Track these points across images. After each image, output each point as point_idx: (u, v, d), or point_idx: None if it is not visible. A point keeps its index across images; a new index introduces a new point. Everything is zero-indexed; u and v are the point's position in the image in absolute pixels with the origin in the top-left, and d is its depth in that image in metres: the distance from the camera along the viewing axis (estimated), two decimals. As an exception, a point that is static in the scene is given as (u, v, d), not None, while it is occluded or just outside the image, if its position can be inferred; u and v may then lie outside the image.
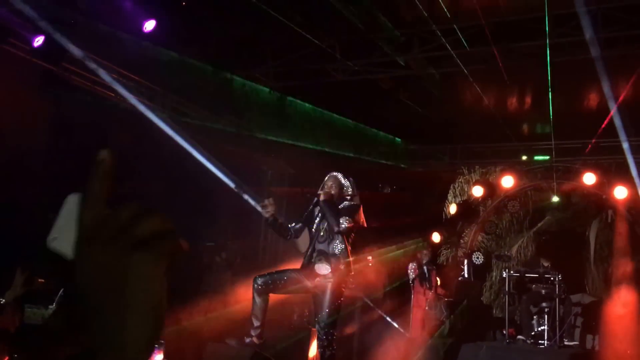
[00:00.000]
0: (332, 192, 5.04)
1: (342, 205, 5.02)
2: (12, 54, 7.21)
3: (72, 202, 0.76)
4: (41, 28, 6.99)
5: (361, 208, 5.07)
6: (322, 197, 5.02)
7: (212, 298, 8.13)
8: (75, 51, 7.38)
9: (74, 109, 7.72)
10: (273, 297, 5.37)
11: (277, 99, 9.21)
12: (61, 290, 7.00)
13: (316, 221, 5.15)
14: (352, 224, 4.90)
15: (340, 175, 5.18)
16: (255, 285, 5.09)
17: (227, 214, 9.39)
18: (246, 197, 5.33)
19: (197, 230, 9.08)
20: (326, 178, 5.18)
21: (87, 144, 7.82)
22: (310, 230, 5.23)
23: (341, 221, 4.87)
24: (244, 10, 7.13)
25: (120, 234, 0.70)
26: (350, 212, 4.96)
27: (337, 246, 4.94)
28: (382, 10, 7.20)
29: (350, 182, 5.15)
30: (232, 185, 5.25)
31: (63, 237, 0.75)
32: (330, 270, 4.91)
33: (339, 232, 4.90)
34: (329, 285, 4.90)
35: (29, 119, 7.29)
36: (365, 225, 5.11)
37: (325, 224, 5.05)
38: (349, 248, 5.00)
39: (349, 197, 5.09)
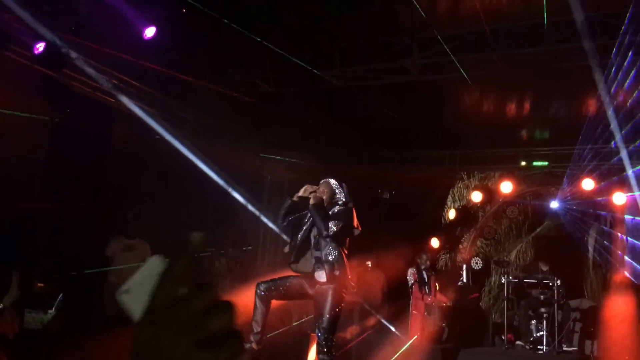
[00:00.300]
0: (323, 197, 5.06)
1: (332, 211, 5.04)
2: (14, 60, 7.24)
3: (155, 265, 0.74)
4: (42, 35, 7.02)
5: (353, 212, 5.06)
6: (311, 201, 5.03)
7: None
8: (76, 57, 7.43)
9: (74, 115, 7.75)
10: (273, 302, 5.40)
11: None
12: (60, 295, 7.03)
13: (309, 227, 5.15)
14: (341, 229, 4.89)
15: (332, 181, 5.21)
16: (258, 291, 5.14)
17: (227, 220, 9.42)
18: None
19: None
20: (319, 183, 5.20)
21: (87, 150, 7.88)
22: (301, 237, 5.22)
23: (330, 225, 4.87)
24: (243, 16, 7.17)
25: (190, 325, 0.67)
26: (340, 216, 4.96)
27: (331, 252, 4.94)
28: (382, 17, 7.24)
29: (343, 188, 5.18)
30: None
31: (135, 296, 0.74)
32: (326, 278, 4.92)
33: (327, 237, 4.90)
34: (330, 292, 4.92)
35: (30, 125, 7.33)
36: (360, 228, 5.11)
37: (316, 229, 5.06)
38: (345, 253, 5.01)
39: (341, 203, 5.11)
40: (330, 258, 4.93)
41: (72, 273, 7.31)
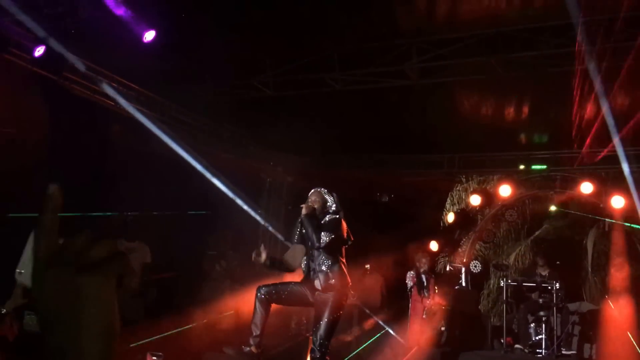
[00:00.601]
0: (315, 206, 5.08)
1: (324, 220, 5.05)
2: (13, 64, 7.25)
3: (30, 240, 0.85)
4: (42, 38, 7.04)
5: (343, 222, 5.07)
6: (303, 212, 5.05)
7: (211, 306, 8.15)
8: (76, 61, 7.45)
9: (75, 118, 7.76)
10: (273, 306, 5.41)
11: None
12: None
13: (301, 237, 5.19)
14: (333, 240, 4.89)
15: (323, 191, 5.22)
16: (259, 294, 5.15)
17: (226, 223, 9.42)
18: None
19: (199, 238, 9.11)
20: (310, 193, 5.22)
21: (87, 154, 7.89)
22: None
23: (321, 236, 4.89)
24: (243, 20, 7.19)
25: (74, 258, 0.77)
26: (331, 226, 4.97)
27: (325, 262, 4.96)
28: (381, 20, 7.25)
29: (333, 197, 5.19)
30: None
31: (27, 270, 0.83)
32: (321, 287, 4.94)
33: (319, 248, 4.92)
34: (330, 300, 4.94)
35: (29, 128, 7.33)
36: (352, 238, 5.13)
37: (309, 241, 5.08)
38: (343, 261, 5.02)
39: (332, 211, 5.12)
40: (323, 268, 4.95)
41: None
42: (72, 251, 0.78)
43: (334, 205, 5.17)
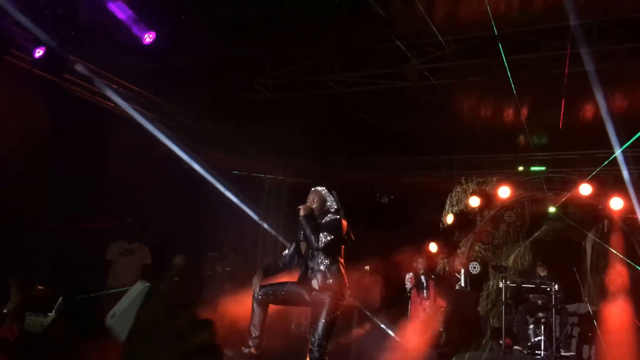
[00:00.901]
0: (313, 206, 5.07)
1: (324, 220, 5.05)
2: (14, 65, 7.27)
3: (139, 290, 0.81)
4: (42, 40, 7.06)
5: (343, 222, 5.06)
6: (301, 213, 5.05)
7: (212, 308, 8.16)
8: (76, 62, 7.47)
9: (75, 120, 7.78)
10: (271, 306, 5.42)
11: None
12: (60, 298, 7.05)
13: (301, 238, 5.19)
14: (332, 240, 4.88)
15: (322, 189, 5.20)
16: (256, 295, 5.17)
17: (227, 224, 9.43)
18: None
19: (200, 239, 9.12)
20: (310, 192, 5.20)
21: (86, 155, 7.91)
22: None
23: (320, 237, 4.88)
24: (243, 22, 7.20)
25: (175, 340, 0.74)
26: (331, 227, 4.96)
27: (323, 262, 4.96)
28: (381, 23, 7.27)
29: (333, 196, 5.16)
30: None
31: (122, 320, 0.80)
32: (319, 286, 4.96)
33: (318, 249, 4.92)
34: (326, 300, 4.95)
35: (29, 130, 7.36)
36: (353, 238, 5.13)
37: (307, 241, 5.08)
38: (341, 261, 5.03)
39: (333, 211, 5.10)
40: (322, 267, 4.96)
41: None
42: (173, 330, 0.74)
43: (334, 204, 5.15)
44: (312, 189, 5.23)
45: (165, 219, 8.22)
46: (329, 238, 4.88)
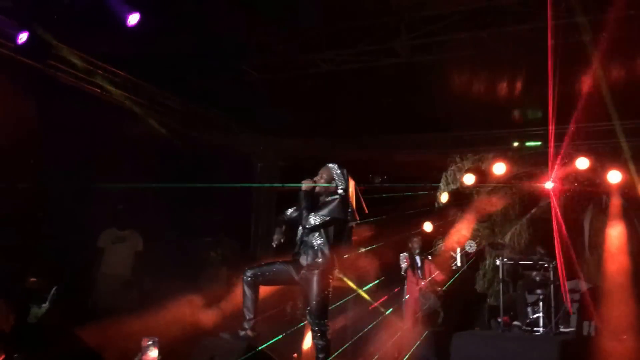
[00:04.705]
0: (321, 181, 5.05)
1: (322, 200, 5.04)
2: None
3: None
4: (25, 24, 6.90)
5: (346, 202, 5.02)
6: (302, 188, 5.04)
7: (207, 292, 8.09)
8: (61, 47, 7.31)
9: (60, 107, 7.64)
10: (266, 289, 5.42)
11: None
12: (54, 289, 6.97)
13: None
14: (325, 222, 4.90)
15: (334, 167, 5.14)
16: (245, 277, 5.16)
17: (221, 208, 9.35)
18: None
19: (194, 224, 9.05)
20: (321, 168, 5.16)
21: (74, 143, 7.77)
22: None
23: (310, 217, 4.90)
24: (227, 2, 7.06)
25: None
26: (327, 208, 4.94)
27: (317, 239, 4.97)
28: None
29: (343, 176, 5.09)
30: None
31: None
32: (306, 263, 4.97)
33: (304, 227, 4.95)
34: (314, 278, 4.94)
35: (15, 120, 7.21)
36: (358, 218, 5.13)
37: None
38: (330, 240, 4.98)
39: (333, 191, 5.06)
40: (314, 244, 4.97)
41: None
42: None
43: (341, 184, 5.08)
44: (326, 165, 5.18)
45: (155, 204, 8.12)
46: (321, 219, 4.88)
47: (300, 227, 5.08)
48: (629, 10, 6.58)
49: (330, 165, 5.16)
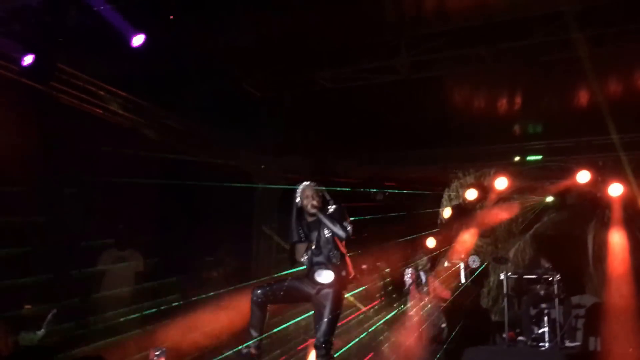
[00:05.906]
0: (313, 202, 5.05)
1: (330, 212, 5.04)
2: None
3: None
4: (30, 47, 6.96)
5: (343, 209, 5.10)
6: (314, 210, 5.03)
7: (210, 311, 8.04)
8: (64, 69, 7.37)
9: (63, 128, 7.67)
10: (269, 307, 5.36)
11: None
12: (51, 314, 6.92)
13: (310, 234, 5.12)
14: (352, 226, 4.95)
15: (314, 184, 5.17)
16: (254, 297, 5.08)
17: (221, 228, 9.32)
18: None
19: (195, 244, 9.03)
20: (302, 189, 5.14)
21: (75, 164, 7.79)
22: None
23: (345, 226, 4.92)
24: (231, 21, 7.14)
25: None
26: (343, 215, 4.98)
27: (335, 255, 4.97)
28: (368, 16, 7.20)
29: (324, 189, 5.17)
30: None
31: None
32: (332, 278, 4.95)
33: (348, 237, 4.96)
34: (330, 295, 4.93)
35: (17, 139, 7.23)
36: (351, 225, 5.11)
37: (316, 234, 5.05)
38: (346, 252, 5.02)
39: (331, 203, 5.11)
40: (334, 260, 4.97)
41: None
42: None
43: (326, 195, 5.15)
44: (303, 185, 5.16)
45: (157, 224, 8.11)
46: (350, 225, 4.95)
47: (310, 251, 5.08)
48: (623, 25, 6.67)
49: (309, 183, 5.16)
